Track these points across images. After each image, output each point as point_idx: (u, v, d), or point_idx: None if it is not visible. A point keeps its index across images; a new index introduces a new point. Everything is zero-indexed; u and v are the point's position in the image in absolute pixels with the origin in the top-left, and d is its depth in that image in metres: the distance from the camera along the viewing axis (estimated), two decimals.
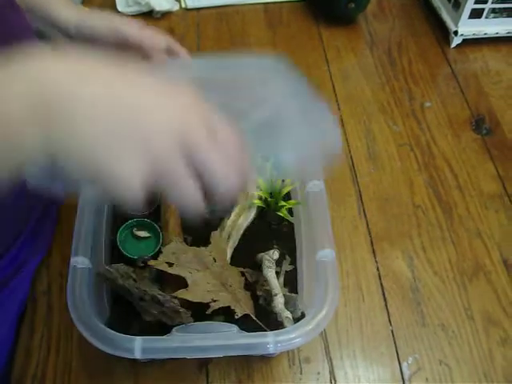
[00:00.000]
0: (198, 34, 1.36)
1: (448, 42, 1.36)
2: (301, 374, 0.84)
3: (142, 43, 0.85)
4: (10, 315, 0.87)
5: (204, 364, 0.83)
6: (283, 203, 0.87)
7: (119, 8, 1.39)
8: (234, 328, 0.73)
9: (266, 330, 0.75)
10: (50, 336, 0.86)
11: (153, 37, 0.86)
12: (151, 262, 0.77)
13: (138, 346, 0.67)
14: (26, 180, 0.47)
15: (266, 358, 0.84)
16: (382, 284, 0.94)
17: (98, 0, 1.44)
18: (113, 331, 0.68)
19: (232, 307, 0.76)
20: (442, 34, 1.38)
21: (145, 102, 0.48)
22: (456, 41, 1.34)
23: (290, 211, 0.91)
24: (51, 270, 0.93)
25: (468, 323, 0.91)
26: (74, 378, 0.83)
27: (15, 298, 0.88)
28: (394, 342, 0.88)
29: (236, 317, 0.75)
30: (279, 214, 0.87)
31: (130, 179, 0.46)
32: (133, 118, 0.46)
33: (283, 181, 0.87)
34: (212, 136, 0.49)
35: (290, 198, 0.91)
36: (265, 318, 0.78)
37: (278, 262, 0.83)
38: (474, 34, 1.33)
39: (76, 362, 0.84)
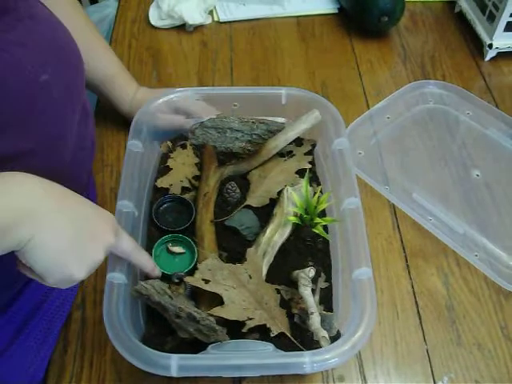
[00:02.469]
0: (231, 47, 1.37)
1: (482, 55, 1.35)
2: None
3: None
4: (57, 327, 0.89)
5: (237, 381, 0.83)
6: (319, 220, 0.86)
7: (152, 21, 1.40)
8: (270, 346, 0.72)
9: (301, 349, 0.74)
10: (84, 350, 0.87)
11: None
12: (188, 279, 0.77)
13: (175, 364, 0.67)
14: None
15: (299, 376, 0.84)
16: (416, 301, 0.93)
17: (131, 14, 1.44)
18: (149, 348, 0.69)
19: (268, 325, 0.75)
20: (476, 46, 1.37)
21: None
22: (490, 54, 1.33)
23: (325, 228, 0.90)
24: (85, 284, 0.93)
25: (505, 343, 0.89)
26: None
27: (62, 310, 0.89)
28: (429, 361, 0.87)
29: (272, 335, 0.75)
30: (315, 230, 0.86)
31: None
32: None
33: (319, 197, 0.86)
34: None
35: (324, 214, 0.91)
36: (300, 336, 0.77)
37: (314, 280, 0.82)
38: (509, 47, 1.31)
39: (109, 376, 0.84)
